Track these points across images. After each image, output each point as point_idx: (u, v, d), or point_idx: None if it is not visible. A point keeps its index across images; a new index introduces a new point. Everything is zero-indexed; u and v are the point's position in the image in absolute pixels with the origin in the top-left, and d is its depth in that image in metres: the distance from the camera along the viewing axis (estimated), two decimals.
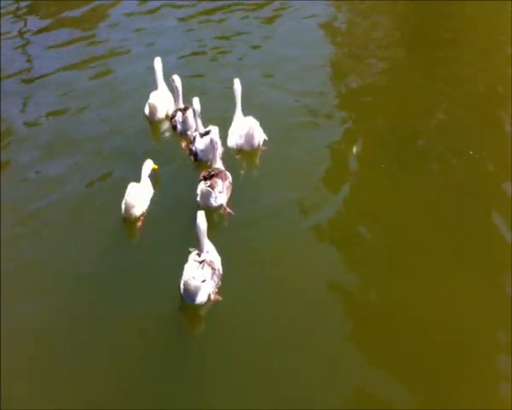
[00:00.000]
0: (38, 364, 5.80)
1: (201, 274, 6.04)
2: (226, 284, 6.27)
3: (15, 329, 6.12)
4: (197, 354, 5.77)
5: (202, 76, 10.01)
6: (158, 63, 9.00)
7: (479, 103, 8.84)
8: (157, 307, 6.22)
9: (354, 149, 7.94)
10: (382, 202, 7.22)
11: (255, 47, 10.80)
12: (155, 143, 8.78)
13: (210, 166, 7.64)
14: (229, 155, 8.04)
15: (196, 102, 8.04)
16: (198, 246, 6.29)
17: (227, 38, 11.14)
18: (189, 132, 8.52)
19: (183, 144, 8.44)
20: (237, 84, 8.10)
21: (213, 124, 7.98)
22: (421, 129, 8.41)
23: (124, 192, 7.19)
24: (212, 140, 7.45)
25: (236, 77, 8.35)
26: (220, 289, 6.23)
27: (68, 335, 6.08)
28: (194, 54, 10.71)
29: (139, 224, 7.20)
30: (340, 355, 5.61)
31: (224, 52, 10.73)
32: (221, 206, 7.20)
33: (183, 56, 10.64)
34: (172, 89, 8.85)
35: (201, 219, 6.28)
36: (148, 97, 8.87)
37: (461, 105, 8.81)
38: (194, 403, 5.37)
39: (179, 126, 8.59)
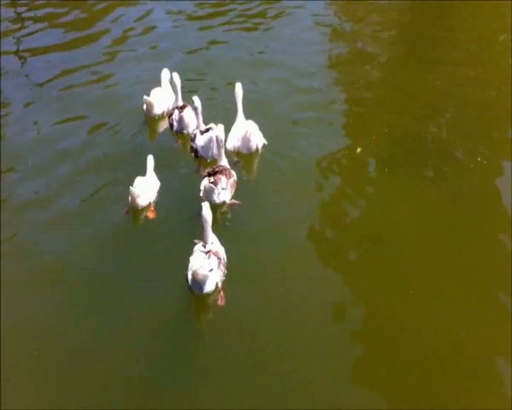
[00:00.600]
0: (39, 362, 5.74)
1: (208, 264, 6.12)
2: (228, 279, 6.31)
3: (17, 324, 6.07)
4: (197, 350, 5.78)
5: (205, 74, 10.08)
6: (165, 74, 9.09)
7: (486, 108, 8.78)
8: (163, 297, 6.23)
9: (358, 150, 7.97)
10: (386, 207, 7.19)
11: (256, 45, 10.87)
12: (151, 141, 8.73)
13: (212, 163, 7.73)
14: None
15: (197, 100, 8.10)
16: (203, 237, 6.36)
17: (229, 37, 11.28)
18: (184, 131, 8.56)
19: (179, 142, 8.47)
20: (239, 88, 8.14)
21: (215, 122, 8.03)
22: (429, 133, 8.33)
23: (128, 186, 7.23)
24: (217, 138, 7.49)
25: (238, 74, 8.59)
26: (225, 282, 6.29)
27: (70, 327, 6.03)
28: (197, 51, 10.82)
29: (151, 215, 7.27)
30: (341, 356, 5.61)
31: (227, 50, 10.83)
32: (224, 203, 7.22)
33: (188, 52, 10.79)
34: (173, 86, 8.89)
35: (206, 209, 6.36)
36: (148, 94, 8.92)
37: (469, 110, 8.77)
38: (193, 402, 5.34)
39: (175, 124, 8.63)
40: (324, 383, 5.37)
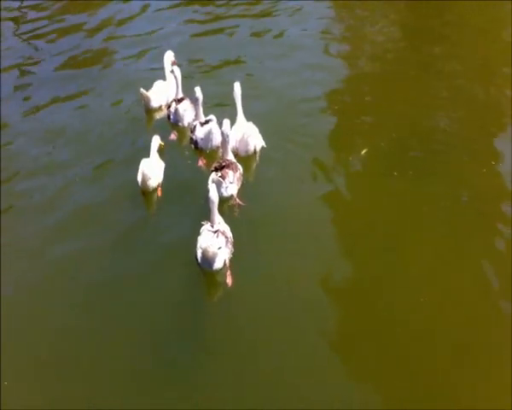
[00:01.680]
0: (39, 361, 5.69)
1: (217, 242, 6.29)
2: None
3: (18, 322, 6.04)
4: (202, 331, 5.90)
5: (209, 71, 10.16)
6: (167, 56, 9.18)
7: (499, 112, 8.63)
8: (173, 278, 6.40)
9: (363, 151, 7.87)
10: (395, 211, 7.05)
11: (257, 47, 10.87)
12: (148, 130, 8.72)
13: (211, 155, 7.90)
14: None
15: (198, 91, 8.14)
16: (211, 218, 6.53)
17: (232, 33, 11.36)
18: (180, 124, 8.66)
19: (173, 136, 8.52)
20: (237, 88, 8.09)
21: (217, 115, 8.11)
22: (439, 136, 8.20)
23: (133, 169, 7.40)
24: (223, 133, 7.49)
25: (238, 74, 8.70)
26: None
27: (70, 323, 6.01)
28: (200, 50, 10.81)
29: (159, 193, 7.45)
30: (342, 356, 5.59)
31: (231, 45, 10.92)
32: (231, 196, 7.27)
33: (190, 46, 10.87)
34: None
35: (213, 191, 6.49)
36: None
37: (479, 114, 8.57)
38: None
39: (171, 117, 8.76)
40: (324, 383, 5.32)
